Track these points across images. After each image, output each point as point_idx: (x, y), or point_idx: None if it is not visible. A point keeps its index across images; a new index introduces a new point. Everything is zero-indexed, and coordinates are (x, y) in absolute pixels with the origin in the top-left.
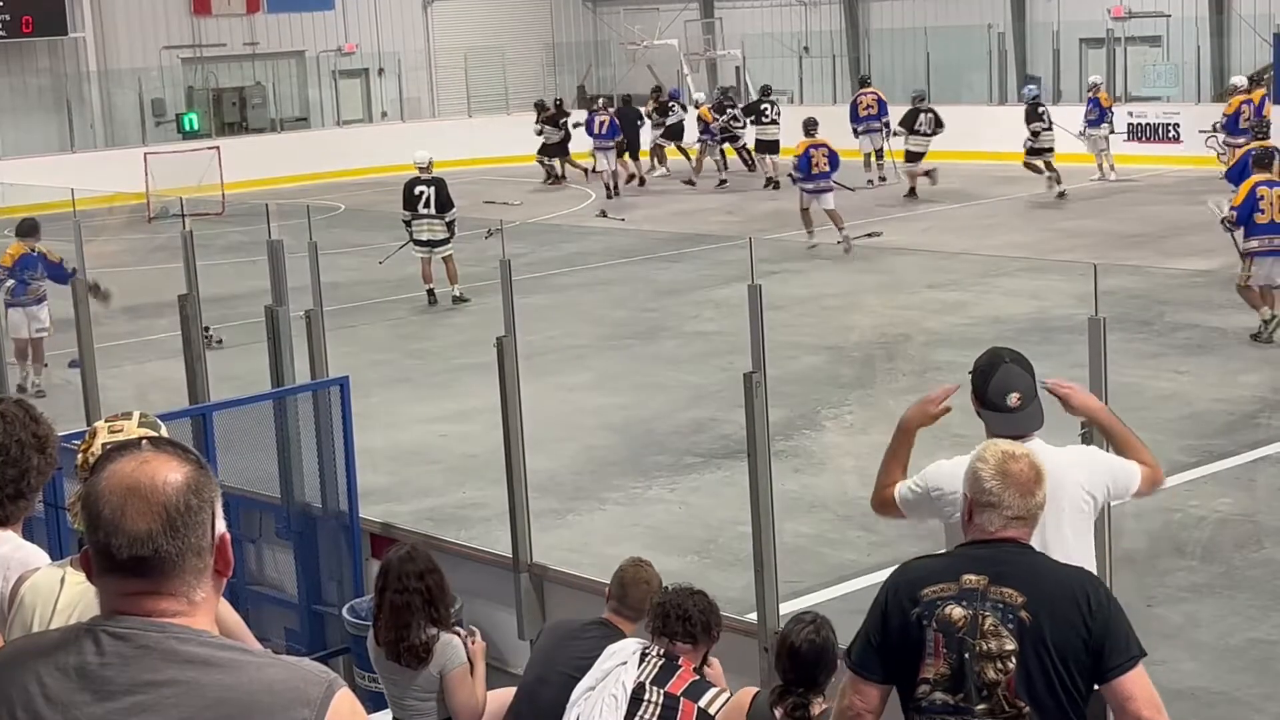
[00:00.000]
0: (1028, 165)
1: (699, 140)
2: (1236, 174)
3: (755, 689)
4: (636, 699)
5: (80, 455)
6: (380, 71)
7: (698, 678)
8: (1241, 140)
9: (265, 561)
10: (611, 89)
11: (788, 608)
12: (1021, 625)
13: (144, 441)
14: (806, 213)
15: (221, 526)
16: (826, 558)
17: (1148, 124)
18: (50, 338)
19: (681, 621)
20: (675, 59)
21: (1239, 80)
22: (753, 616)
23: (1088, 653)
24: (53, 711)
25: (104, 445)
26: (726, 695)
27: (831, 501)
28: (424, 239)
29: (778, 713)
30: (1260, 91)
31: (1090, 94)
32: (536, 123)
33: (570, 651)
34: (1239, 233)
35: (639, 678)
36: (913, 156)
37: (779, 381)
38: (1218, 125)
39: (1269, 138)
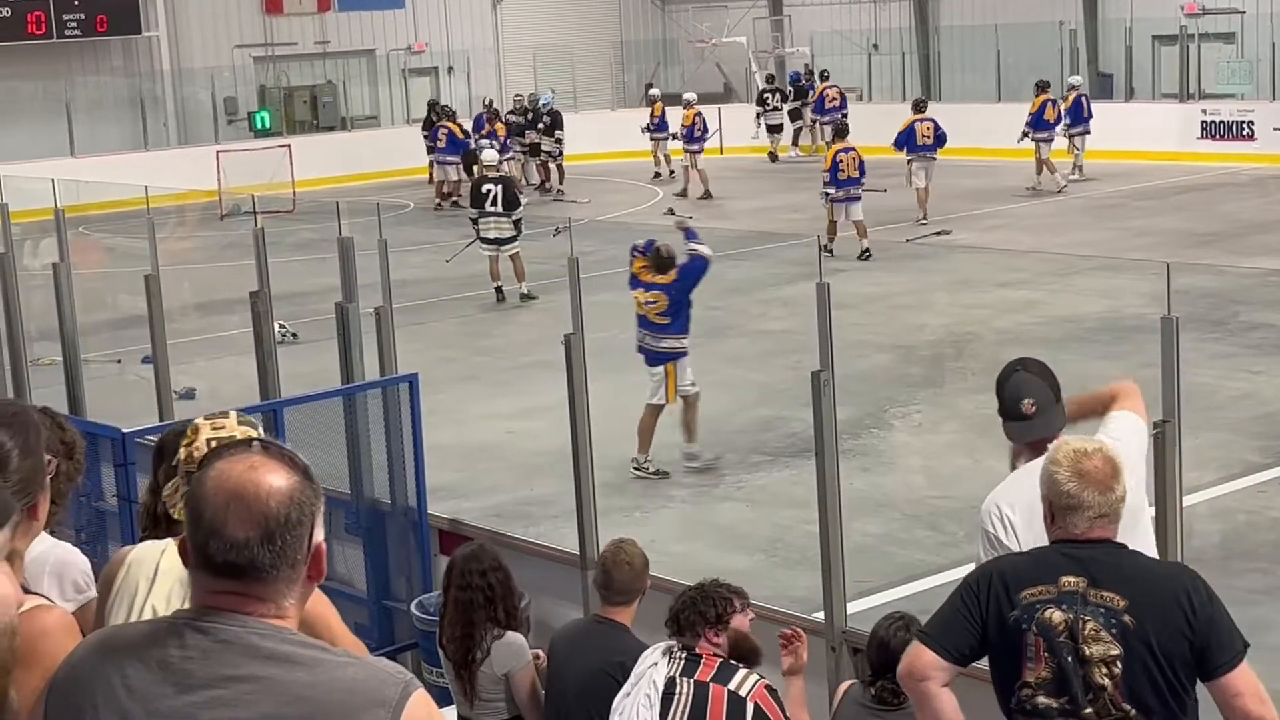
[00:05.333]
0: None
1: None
2: (902, 142)
3: (852, 680)
4: (669, 694)
5: (183, 450)
6: (450, 70)
7: (723, 660)
8: (1078, 129)
9: (335, 557)
10: (680, 87)
11: (855, 607)
12: (1125, 630)
13: (255, 443)
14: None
15: (320, 536)
16: (894, 557)
17: (1221, 121)
18: (130, 331)
19: (671, 621)
20: (744, 57)
21: (1075, 79)
22: (820, 615)
23: (1193, 652)
24: (133, 703)
25: (208, 441)
26: (756, 678)
27: (899, 501)
28: (491, 237)
29: (870, 693)
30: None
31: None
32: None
33: (583, 652)
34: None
35: (669, 673)
36: None
37: (847, 380)
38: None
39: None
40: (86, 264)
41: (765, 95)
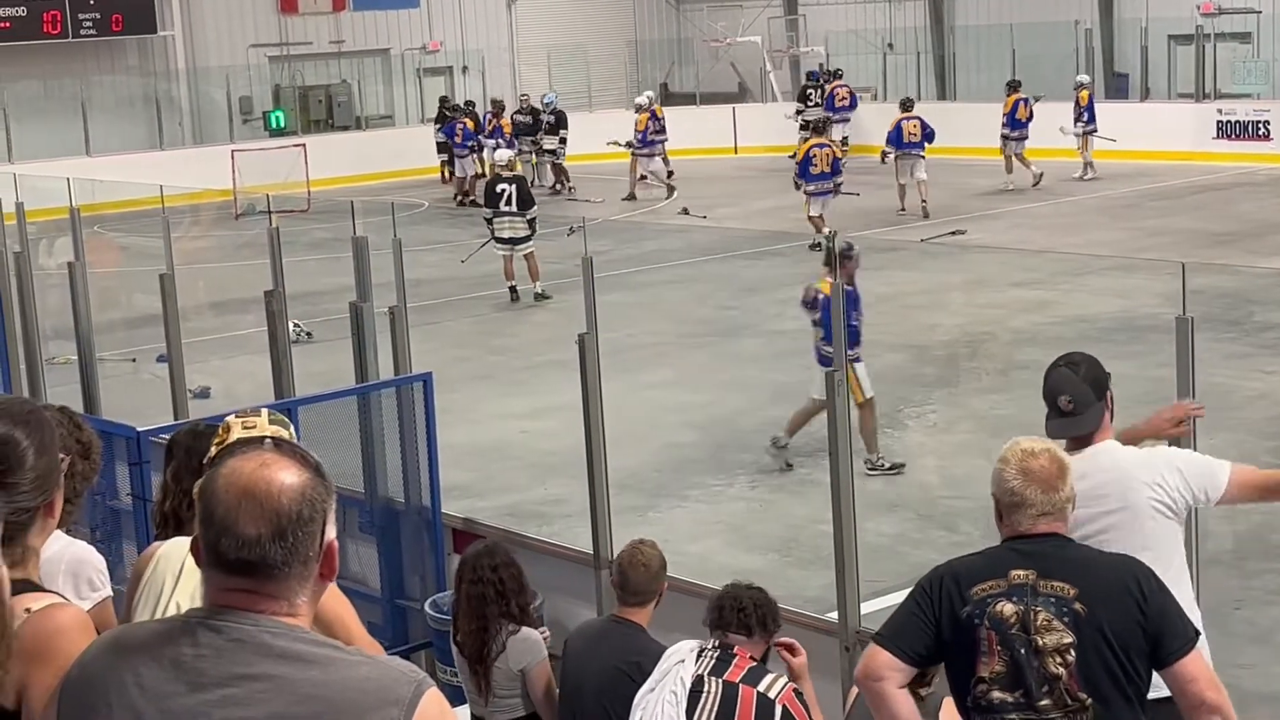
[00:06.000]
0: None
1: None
2: (892, 141)
3: None
4: (696, 691)
5: (215, 449)
6: (464, 69)
7: (755, 664)
8: (1093, 127)
9: (348, 556)
10: (694, 87)
11: (868, 607)
12: (1077, 618)
13: (268, 440)
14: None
15: (331, 533)
16: (908, 557)
17: (1237, 121)
18: (145, 330)
19: (736, 612)
20: (758, 56)
21: (1083, 77)
22: (833, 615)
23: (1146, 639)
24: (146, 701)
25: (239, 440)
26: (785, 680)
27: (913, 500)
28: (505, 236)
29: None
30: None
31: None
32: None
33: (600, 651)
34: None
35: (696, 671)
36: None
37: None
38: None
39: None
40: (102, 263)
41: (808, 91)
